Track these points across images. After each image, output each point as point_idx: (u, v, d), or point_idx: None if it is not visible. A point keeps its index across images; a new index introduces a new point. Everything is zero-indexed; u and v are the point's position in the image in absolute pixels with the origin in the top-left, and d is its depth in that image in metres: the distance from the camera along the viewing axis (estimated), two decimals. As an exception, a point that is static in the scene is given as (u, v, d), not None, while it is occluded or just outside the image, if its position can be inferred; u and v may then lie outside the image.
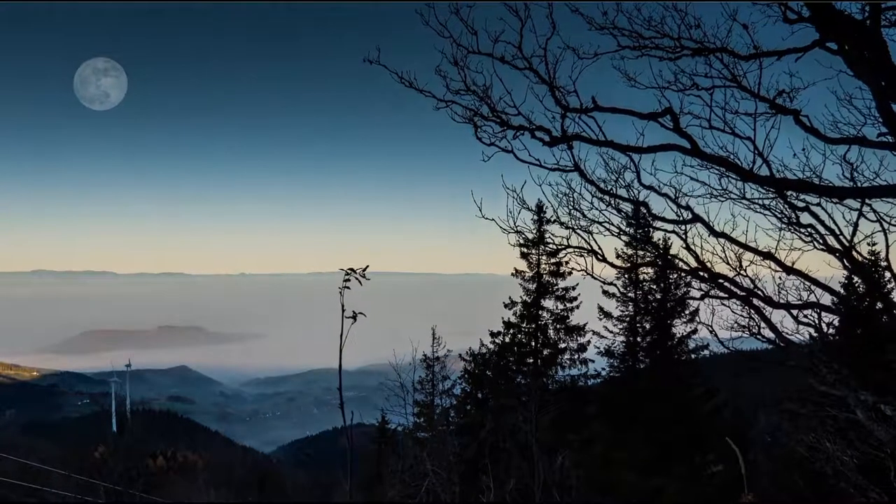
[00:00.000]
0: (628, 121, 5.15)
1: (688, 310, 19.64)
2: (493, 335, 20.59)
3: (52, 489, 26.00)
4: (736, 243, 4.43)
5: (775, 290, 5.02)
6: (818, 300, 4.73)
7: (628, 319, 19.88)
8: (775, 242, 4.79)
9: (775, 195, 4.61)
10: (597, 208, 5.26)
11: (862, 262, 4.38)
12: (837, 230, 4.48)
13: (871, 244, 8.99)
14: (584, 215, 4.90)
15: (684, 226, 4.61)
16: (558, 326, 20.18)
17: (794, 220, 4.58)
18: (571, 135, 4.32)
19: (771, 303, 4.53)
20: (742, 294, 4.66)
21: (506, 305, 20.67)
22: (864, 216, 4.44)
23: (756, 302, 4.68)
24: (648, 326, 19.78)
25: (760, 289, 4.61)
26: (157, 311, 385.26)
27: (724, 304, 5.83)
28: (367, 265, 2.89)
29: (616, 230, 5.52)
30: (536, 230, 19.86)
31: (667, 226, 4.64)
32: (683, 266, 5.21)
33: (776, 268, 4.41)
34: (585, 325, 20.26)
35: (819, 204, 4.43)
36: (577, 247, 4.74)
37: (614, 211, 4.60)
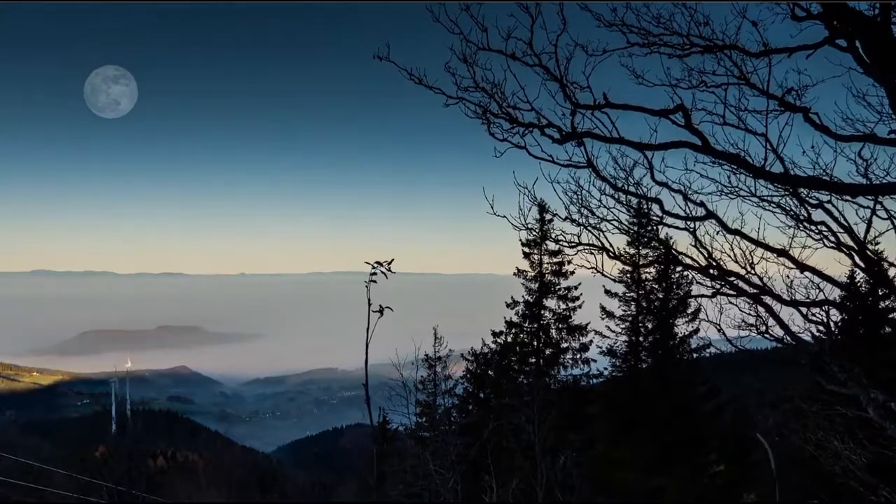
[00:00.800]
0: (636, 118, 5.14)
1: (690, 309, 19.63)
2: (496, 335, 20.55)
3: (53, 489, 25.98)
4: (750, 240, 4.41)
5: (783, 288, 5.01)
6: (826, 298, 4.71)
7: (630, 319, 19.86)
8: (785, 240, 4.78)
9: (786, 192, 4.59)
10: (605, 206, 5.24)
11: (877, 260, 4.35)
12: (848, 227, 4.45)
13: (875, 243, 8.97)
14: (594, 213, 4.88)
15: (697, 222, 4.59)
16: (560, 326, 20.14)
17: (806, 218, 4.56)
18: (582, 132, 4.30)
19: (782, 300, 4.50)
20: (752, 292, 4.64)
21: (508, 305, 20.64)
22: (876, 214, 4.43)
23: (766, 300, 4.66)
24: (651, 326, 19.76)
25: (770, 286, 4.58)
26: (157, 312, 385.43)
27: (732, 303, 5.82)
28: (393, 258, 2.87)
29: (626, 227, 5.51)
30: (539, 230, 19.83)
31: (678, 222, 4.62)
32: (692, 263, 5.19)
33: (790, 265, 4.39)
34: (588, 325, 20.23)
35: (830, 201, 4.41)
36: (589, 244, 4.72)
37: (623, 208, 4.59)
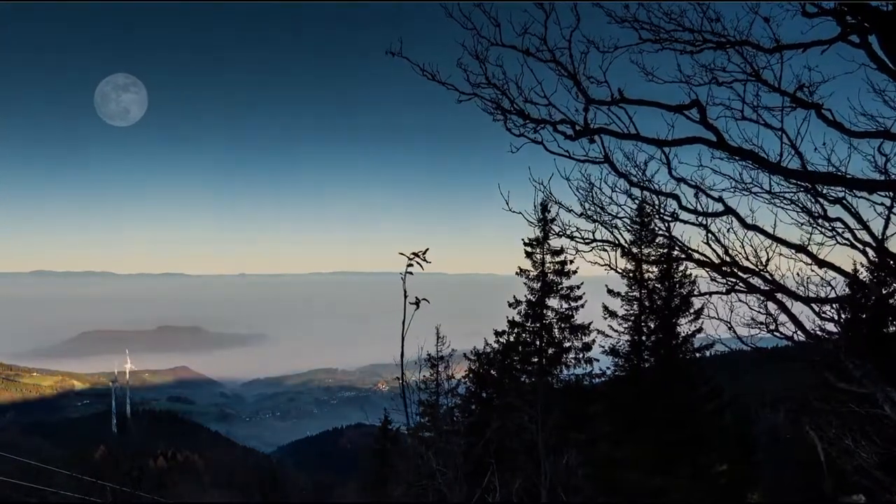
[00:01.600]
0: (645, 115, 5.12)
1: (692, 308, 19.61)
2: (498, 334, 20.52)
3: (54, 489, 25.96)
4: (769, 236, 4.37)
5: (795, 286, 4.97)
6: (839, 295, 4.68)
7: (633, 318, 19.83)
8: (796, 237, 4.75)
9: (801, 189, 4.56)
10: (616, 203, 5.22)
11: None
12: (865, 224, 4.42)
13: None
14: (605, 209, 4.86)
15: (710, 219, 4.56)
16: (563, 325, 20.10)
17: (822, 214, 4.53)
18: (595, 128, 4.28)
19: (798, 297, 4.48)
20: (767, 289, 4.61)
21: (510, 304, 20.61)
22: (893, 212, 4.39)
23: (780, 297, 4.63)
24: (653, 325, 19.73)
25: (785, 284, 4.55)
26: (157, 312, 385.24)
27: (742, 301, 5.79)
28: (428, 248, 2.84)
29: (637, 224, 5.47)
30: (541, 229, 19.79)
31: (693, 218, 4.59)
32: (704, 260, 5.16)
33: (808, 261, 4.36)
34: (590, 324, 20.18)
35: (844, 198, 4.38)
36: (604, 241, 4.70)
37: (637, 205, 4.56)
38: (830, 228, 4.77)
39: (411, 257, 2.90)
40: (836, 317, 5.01)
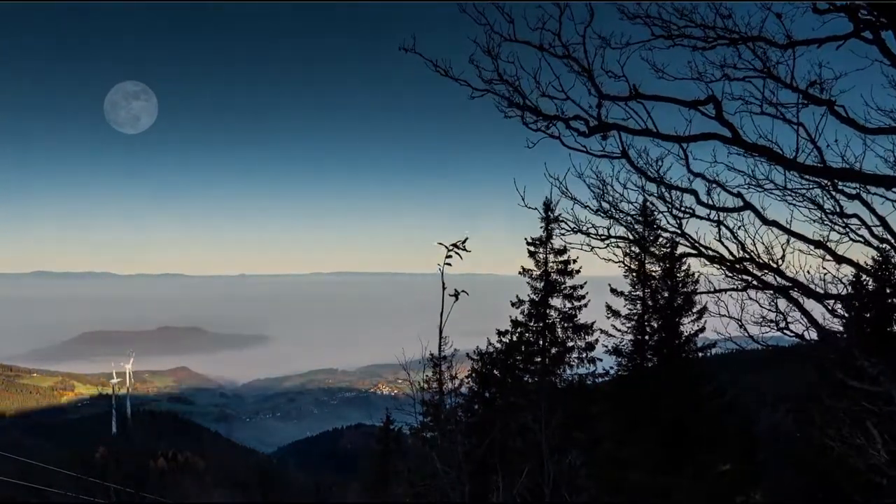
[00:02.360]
0: (657, 112, 5.10)
1: (695, 307, 19.59)
2: (501, 334, 20.48)
3: (55, 490, 25.95)
4: (787, 232, 4.36)
5: (806, 283, 4.95)
6: (854, 292, 4.66)
7: (636, 318, 19.80)
8: (809, 234, 4.73)
9: (816, 185, 4.54)
10: (627, 200, 5.20)
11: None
12: (883, 219, 4.40)
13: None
14: (618, 207, 4.84)
15: (728, 214, 4.54)
16: (566, 325, 20.08)
17: (837, 211, 4.51)
18: (609, 124, 4.27)
19: (816, 294, 4.45)
20: (781, 285, 4.59)
21: (513, 304, 20.59)
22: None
23: (794, 294, 4.61)
24: (656, 325, 19.70)
25: (801, 280, 4.53)
26: (157, 313, 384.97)
27: (752, 299, 5.76)
28: (467, 237, 2.81)
29: (642, 222, 5.43)
30: (544, 228, 19.80)
31: (705, 213, 4.58)
32: (715, 256, 5.14)
33: (827, 257, 4.34)
34: (593, 324, 20.15)
35: (859, 194, 4.37)
36: (620, 237, 4.69)
37: (655, 200, 4.54)
38: (844, 225, 4.75)
39: (450, 247, 2.87)
40: (849, 313, 4.98)
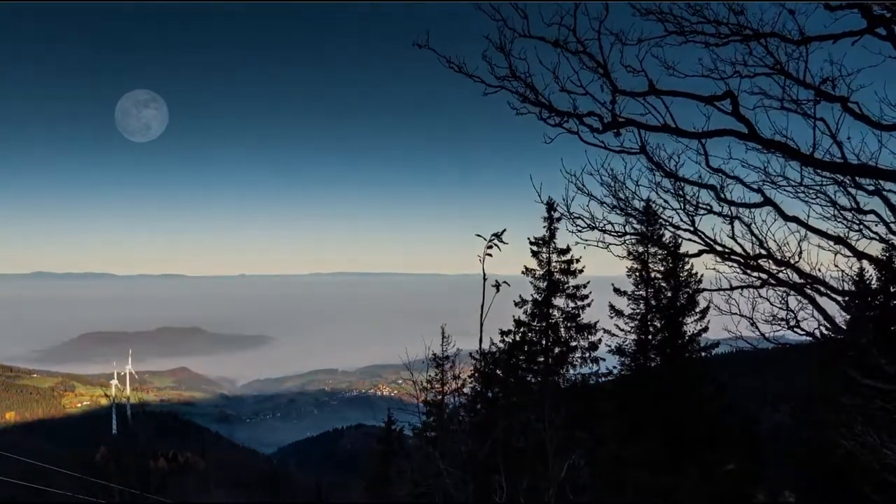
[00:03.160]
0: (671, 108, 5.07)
1: (698, 307, 19.59)
2: (504, 333, 20.44)
3: (56, 490, 25.90)
4: (808, 228, 4.34)
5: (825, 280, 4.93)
6: (874, 288, 4.65)
7: (640, 317, 19.79)
8: (825, 229, 4.70)
9: (827, 181, 4.53)
10: (639, 197, 5.18)
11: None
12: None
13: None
14: (630, 203, 4.82)
15: (741, 211, 4.53)
16: (569, 325, 20.03)
17: (854, 207, 4.49)
18: (623, 120, 4.25)
19: (835, 290, 4.43)
20: (798, 282, 4.57)
21: (516, 304, 20.54)
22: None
23: (809, 291, 4.59)
24: (659, 324, 19.69)
25: (819, 276, 4.51)
26: (157, 313, 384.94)
27: (763, 297, 5.74)
28: (505, 229, 2.79)
29: (645, 222, 5.41)
30: (547, 228, 19.77)
31: (720, 209, 4.55)
32: (726, 253, 5.12)
33: (846, 253, 4.32)
34: (596, 324, 20.11)
35: (879, 190, 4.34)
36: (635, 233, 4.67)
37: (671, 197, 4.52)
38: (858, 221, 4.73)
39: (491, 238, 2.85)
40: (868, 312, 4.96)
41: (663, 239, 13.33)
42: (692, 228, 4.84)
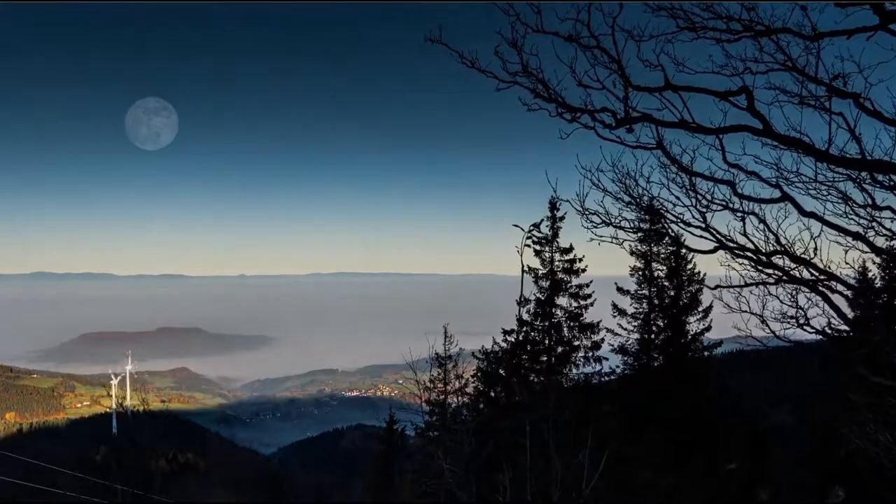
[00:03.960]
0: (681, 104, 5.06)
1: (701, 306, 19.59)
2: (506, 333, 20.40)
3: (57, 490, 25.90)
4: (825, 223, 4.32)
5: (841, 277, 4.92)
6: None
7: (642, 316, 19.77)
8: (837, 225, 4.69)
9: (839, 178, 4.52)
10: (650, 194, 5.17)
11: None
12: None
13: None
14: (641, 200, 4.81)
15: (765, 205, 4.51)
16: (572, 324, 19.97)
17: (869, 203, 4.48)
18: (637, 115, 4.24)
19: (853, 287, 4.42)
20: (813, 279, 4.56)
21: (518, 303, 20.51)
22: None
23: (822, 288, 4.58)
24: (662, 323, 19.69)
25: (836, 273, 4.49)
26: (157, 313, 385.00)
27: (773, 295, 5.73)
28: (542, 219, 2.78)
29: (647, 221, 5.40)
30: (550, 227, 19.73)
31: (737, 205, 4.55)
32: (738, 249, 5.11)
33: (864, 249, 4.31)
34: (599, 323, 20.06)
35: (894, 186, 4.33)
36: (653, 230, 4.66)
37: (683, 193, 4.51)
38: (870, 217, 4.72)
39: (531, 229, 2.85)
40: (874, 308, 4.96)
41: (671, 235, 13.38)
42: (704, 225, 4.83)
